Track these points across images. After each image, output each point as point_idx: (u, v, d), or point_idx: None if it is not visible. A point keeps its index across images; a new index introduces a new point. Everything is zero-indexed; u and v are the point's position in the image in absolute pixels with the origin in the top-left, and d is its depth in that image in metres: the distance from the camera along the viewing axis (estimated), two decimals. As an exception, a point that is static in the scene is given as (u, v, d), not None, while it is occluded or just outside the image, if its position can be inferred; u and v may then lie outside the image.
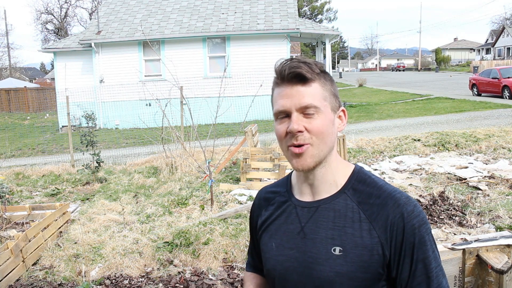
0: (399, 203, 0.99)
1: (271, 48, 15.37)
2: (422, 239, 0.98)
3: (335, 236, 1.01)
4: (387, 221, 0.99)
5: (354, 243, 0.99)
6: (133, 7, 17.69)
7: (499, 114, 12.45)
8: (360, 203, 1.02)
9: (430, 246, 0.99)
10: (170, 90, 8.31)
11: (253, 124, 8.33)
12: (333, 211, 1.03)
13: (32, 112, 25.25)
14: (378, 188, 1.03)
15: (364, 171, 1.10)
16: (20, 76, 47.07)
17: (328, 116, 1.02)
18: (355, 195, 1.04)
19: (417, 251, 0.97)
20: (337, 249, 1.00)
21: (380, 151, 8.39)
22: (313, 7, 55.79)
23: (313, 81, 1.01)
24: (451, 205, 5.10)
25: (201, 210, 5.53)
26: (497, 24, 60.60)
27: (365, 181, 1.06)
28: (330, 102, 1.04)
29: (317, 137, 1.01)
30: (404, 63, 68.78)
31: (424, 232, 0.98)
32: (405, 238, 0.97)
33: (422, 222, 0.99)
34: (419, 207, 1.01)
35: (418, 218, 0.99)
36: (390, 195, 1.01)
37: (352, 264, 0.98)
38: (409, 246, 0.97)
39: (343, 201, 1.03)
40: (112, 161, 9.51)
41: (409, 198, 1.01)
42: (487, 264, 2.34)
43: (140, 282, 3.83)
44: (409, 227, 0.97)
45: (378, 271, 0.99)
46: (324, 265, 1.01)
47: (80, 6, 75.78)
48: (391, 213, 0.99)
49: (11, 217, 5.52)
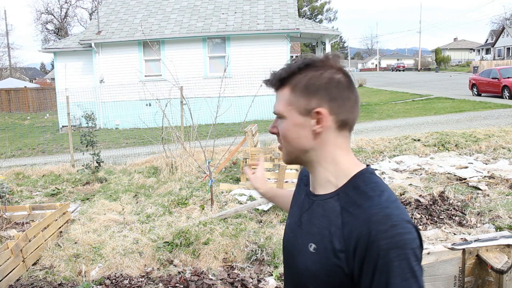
0: (371, 219, 0.91)
1: (271, 48, 15.37)
2: (387, 264, 0.88)
3: (316, 234, 1.02)
4: (354, 234, 0.93)
5: (324, 245, 0.98)
6: (133, 7, 17.69)
7: (499, 114, 12.46)
8: (343, 209, 0.99)
9: (399, 274, 0.88)
10: (170, 90, 8.31)
11: (253, 124, 8.34)
12: (322, 209, 1.03)
13: (32, 112, 25.25)
14: (364, 198, 0.97)
15: (366, 177, 1.02)
16: (20, 76, 47.06)
17: (293, 120, 1.03)
18: (344, 200, 1.00)
19: (379, 275, 0.89)
20: (312, 246, 1.01)
21: (380, 151, 8.40)
22: (313, 7, 55.79)
23: (283, 86, 1.05)
24: (451, 205, 5.10)
25: (201, 210, 5.53)
26: (497, 24, 60.59)
27: (358, 188, 1.00)
28: (297, 105, 1.02)
29: (284, 140, 1.07)
30: (404, 63, 68.74)
31: (393, 257, 0.88)
32: (368, 257, 0.90)
33: (394, 246, 0.88)
34: (401, 228, 0.90)
35: (389, 240, 0.88)
36: (368, 209, 0.94)
37: (319, 264, 0.99)
38: (371, 266, 0.90)
39: (333, 202, 1.01)
40: (112, 161, 9.52)
41: (390, 217, 0.91)
42: (487, 264, 2.34)
43: (140, 282, 3.83)
44: (374, 247, 0.89)
45: (341, 279, 0.96)
46: (300, 257, 1.05)
47: (80, 6, 75.84)
48: (360, 227, 0.93)
49: (11, 217, 5.52)
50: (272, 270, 3.91)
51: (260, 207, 5.35)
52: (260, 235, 4.48)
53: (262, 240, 4.35)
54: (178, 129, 8.40)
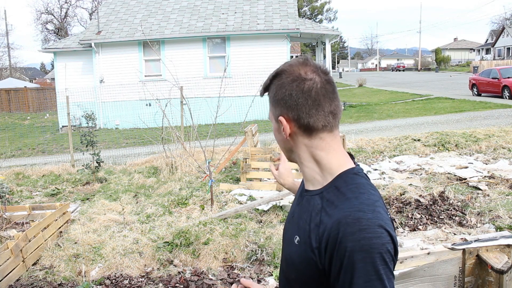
0: (341, 221, 0.94)
1: (271, 48, 15.37)
2: (351, 265, 0.91)
3: (300, 227, 1.08)
4: (325, 233, 0.97)
5: (305, 239, 1.04)
6: (133, 7, 17.70)
7: (499, 114, 12.46)
8: (323, 208, 1.02)
9: (362, 275, 0.90)
10: (170, 90, 8.32)
11: (253, 124, 8.34)
12: (308, 205, 1.08)
13: (32, 112, 25.25)
14: (342, 199, 0.99)
15: (350, 177, 1.04)
16: (20, 76, 47.06)
17: (274, 125, 1.14)
18: (325, 199, 1.03)
19: (344, 273, 0.93)
20: (297, 239, 1.07)
21: (380, 151, 8.40)
22: (313, 7, 55.81)
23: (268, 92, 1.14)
24: (451, 205, 5.10)
25: (201, 210, 5.53)
26: (497, 24, 60.60)
27: (339, 188, 1.02)
28: (273, 113, 1.12)
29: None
30: (404, 63, 68.73)
31: (357, 259, 0.90)
32: (335, 256, 0.94)
33: (360, 249, 0.90)
34: (370, 233, 0.92)
35: (355, 243, 0.91)
36: (341, 210, 0.96)
37: (299, 256, 1.05)
38: (337, 264, 0.94)
39: (317, 199, 1.06)
40: (112, 161, 9.52)
41: (360, 220, 0.93)
42: (487, 264, 2.34)
43: (140, 282, 3.83)
44: (341, 248, 0.92)
45: (316, 272, 1.01)
46: (288, 247, 1.14)
47: (80, 6, 75.89)
48: (330, 227, 0.96)
49: (11, 217, 5.52)
50: (272, 270, 3.91)
51: (260, 207, 5.35)
52: (260, 235, 4.48)
53: (262, 240, 4.35)
54: (178, 129, 8.40)
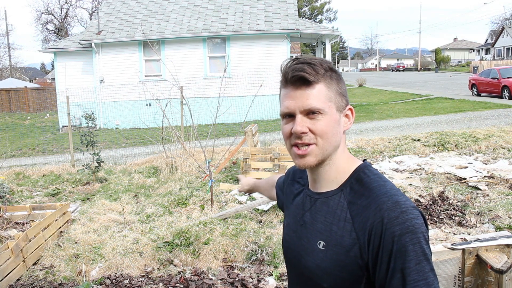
0: (382, 207, 0.95)
1: (271, 48, 15.37)
2: (402, 248, 0.92)
3: (323, 231, 1.04)
4: (367, 224, 0.96)
5: (335, 241, 1.01)
6: (133, 7, 17.70)
7: (499, 114, 12.46)
8: (350, 202, 1.02)
9: (413, 257, 0.92)
10: (170, 90, 8.33)
11: (253, 124, 8.34)
12: (327, 207, 1.06)
13: (33, 112, 25.26)
14: (370, 189, 1.00)
15: (366, 170, 1.06)
16: (21, 76, 47.07)
17: (333, 117, 1.04)
18: (349, 194, 1.03)
19: (394, 260, 0.92)
20: (321, 244, 1.03)
21: (380, 151, 8.40)
22: (313, 7, 55.80)
23: (316, 83, 1.02)
24: (451, 205, 5.10)
25: (201, 210, 5.54)
26: (497, 24, 60.58)
27: (362, 180, 1.04)
28: (335, 102, 1.04)
29: (321, 138, 1.03)
30: (404, 63, 68.70)
31: (407, 242, 0.92)
32: (383, 245, 0.93)
33: (407, 231, 0.92)
34: (410, 214, 0.94)
35: (401, 225, 0.92)
36: (377, 198, 0.97)
37: (331, 260, 1.01)
38: (386, 253, 0.93)
39: (338, 198, 1.05)
40: (112, 161, 9.52)
41: (399, 203, 0.95)
42: (486, 264, 2.34)
43: (140, 282, 3.84)
44: (388, 233, 0.93)
45: (356, 272, 0.98)
46: (309, 255, 1.07)
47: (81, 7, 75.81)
48: (372, 216, 0.95)
49: (12, 217, 5.53)
50: (272, 270, 3.91)
51: (260, 207, 5.36)
52: (260, 235, 4.48)
53: (262, 240, 4.36)
54: (178, 129, 8.40)
